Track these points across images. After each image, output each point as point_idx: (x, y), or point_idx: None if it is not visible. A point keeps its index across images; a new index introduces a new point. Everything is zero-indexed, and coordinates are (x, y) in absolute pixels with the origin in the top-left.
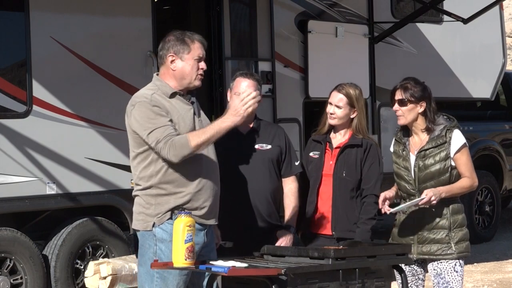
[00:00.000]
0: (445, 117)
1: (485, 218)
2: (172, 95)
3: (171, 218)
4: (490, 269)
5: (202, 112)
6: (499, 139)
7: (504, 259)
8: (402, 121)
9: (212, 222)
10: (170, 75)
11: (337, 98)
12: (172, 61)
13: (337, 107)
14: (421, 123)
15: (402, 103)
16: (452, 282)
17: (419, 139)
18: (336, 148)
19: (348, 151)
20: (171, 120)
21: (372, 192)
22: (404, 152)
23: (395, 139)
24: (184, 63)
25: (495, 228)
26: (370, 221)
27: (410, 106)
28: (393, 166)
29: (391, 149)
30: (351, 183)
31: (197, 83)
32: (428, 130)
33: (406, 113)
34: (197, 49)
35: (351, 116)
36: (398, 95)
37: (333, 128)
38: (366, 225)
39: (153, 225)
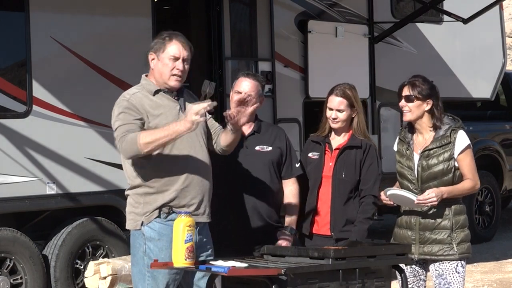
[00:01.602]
0: (450, 117)
1: (485, 218)
2: (156, 92)
3: (159, 216)
4: (490, 269)
5: None
6: (499, 139)
7: (504, 259)
8: (408, 117)
9: (203, 219)
10: (152, 74)
11: (337, 102)
12: (152, 60)
13: (338, 111)
14: (426, 121)
15: (409, 99)
16: (453, 283)
17: (423, 139)
18: (336, 149)
19: (348, 152)
20: (141, 119)
21: (371, 193)
22: (408, 151)
23: (399, 138)
24: (160, 62)
25: (495, 228)
26: (367, 220)
27: (416, 103)
28: (396, 165)
29: (395, 148)
30: (350, 184)
31: (172, 83)
32: (435, 128)
33: (412, 109)
34: (172, 48)
35: (352, 116)
36: (406, 91)
37: (333, 130)
38: (363, 224)
39: (142, 224)
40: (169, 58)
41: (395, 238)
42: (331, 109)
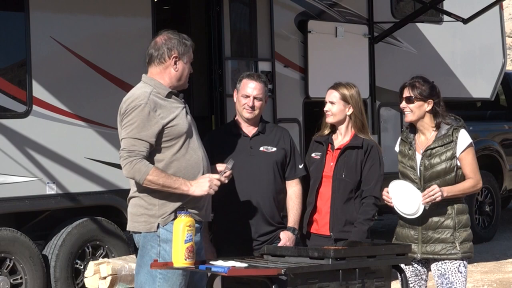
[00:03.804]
0: (452, 117)
1: (485, 218)
2: (168, 95)
3: (175, 218)
4: (490, 269)
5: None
6: (499, 139)
7: (504, 259)
8: (409, 118)
9: (210, 219)
10: (166, 75)
11: (331, 95)
12: (175, 62)
13: (330, 103)
14: (428, 121)
15: (409, 100)
16: (456, 282)
17: (425, 138)
18: (337, 149)
19: (349, 152)
20: (160, 132)
21: (372, 194)
22: (410, 151)
23: (401, 139)
24: (185, 65)
25: (495, 228)
26: (367, 221)
27: (417, 103)
28: (399, 165)
29: (396, 149)
30: (350, 185)
31: (187, 85)
32: (438, 127)
33: (413, 110)
34: (192, 53)
35: (347, 113)
36: (406, 93)
37: (335, 129)
38: (363, 225)
39: (158, 226)
40: (190, 62)
41: (397, 238)
42: (326, 102)
